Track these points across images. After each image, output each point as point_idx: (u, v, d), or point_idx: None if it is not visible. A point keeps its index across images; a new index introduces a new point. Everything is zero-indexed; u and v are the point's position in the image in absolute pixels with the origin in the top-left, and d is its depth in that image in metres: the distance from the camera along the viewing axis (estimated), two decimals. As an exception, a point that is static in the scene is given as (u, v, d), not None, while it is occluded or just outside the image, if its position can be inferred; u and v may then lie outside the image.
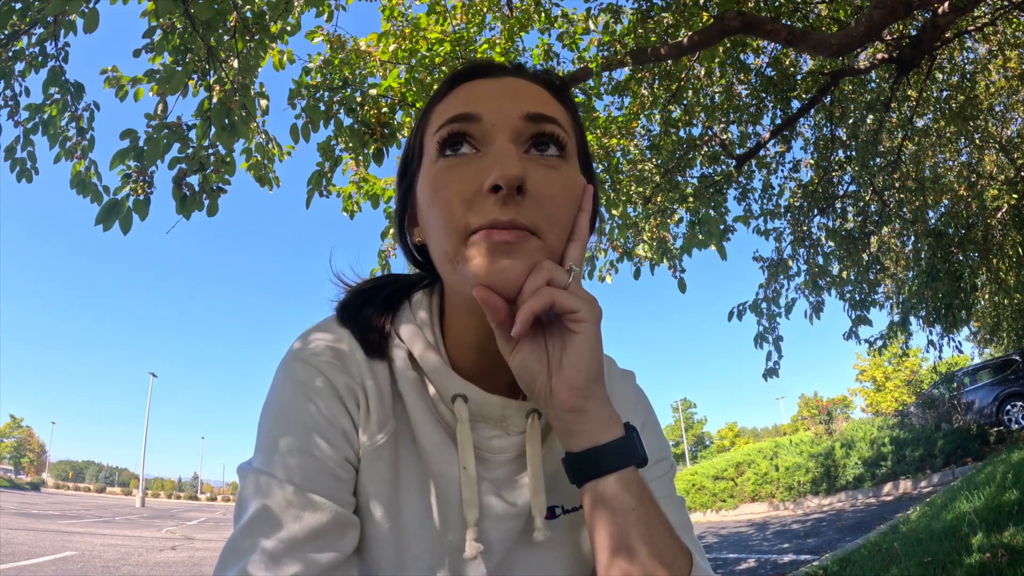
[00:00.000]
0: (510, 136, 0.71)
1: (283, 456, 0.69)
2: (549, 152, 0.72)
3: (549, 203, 0.70)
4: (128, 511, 30.12)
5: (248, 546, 0.64)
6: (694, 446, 65.14)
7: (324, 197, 4.94)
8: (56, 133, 4.02)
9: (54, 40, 3.82)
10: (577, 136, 0.79)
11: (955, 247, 7.83)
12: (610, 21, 5.42)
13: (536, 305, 0.65)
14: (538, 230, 0.68)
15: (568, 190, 0.72)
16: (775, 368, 6.84)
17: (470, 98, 0.74)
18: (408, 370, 0.77)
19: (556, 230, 0.70)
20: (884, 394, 36.05)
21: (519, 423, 0.77)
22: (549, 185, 0.70)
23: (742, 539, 11.31)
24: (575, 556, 0.81)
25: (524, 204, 0.68)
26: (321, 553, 0.66)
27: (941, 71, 7.44)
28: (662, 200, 5.99)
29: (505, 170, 0.66)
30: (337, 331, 0.77)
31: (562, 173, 0.72)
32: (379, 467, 0.74)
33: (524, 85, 0.76)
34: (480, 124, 0.71)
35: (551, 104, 0.76)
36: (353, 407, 0.74)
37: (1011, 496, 5.84)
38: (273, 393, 0.74)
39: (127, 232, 3.40)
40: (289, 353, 0.76)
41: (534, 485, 0.76)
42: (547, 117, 0.73)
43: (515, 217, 0.67)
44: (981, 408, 14.19)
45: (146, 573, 9.39)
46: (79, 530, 15.67)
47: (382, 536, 0.73)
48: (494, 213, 0.67)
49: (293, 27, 4.38)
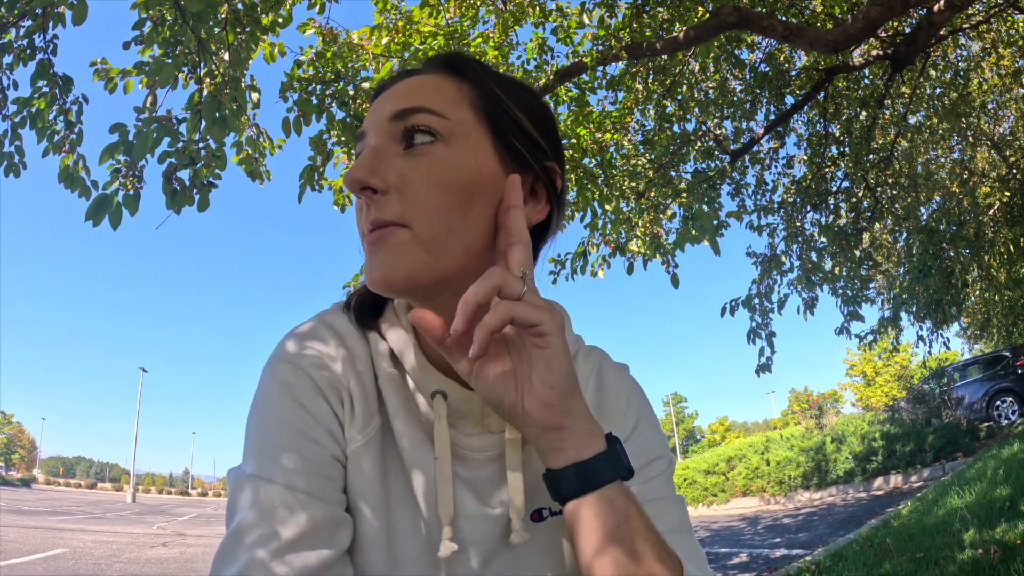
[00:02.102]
0: (378, 141, 0.72)
1: (271, 457, 0.68)
2: (417, 142, 0.71)
3: (410, 192, 0.69)
4: (119, 507, 30.09)
5: (241, 549, 0.63)
6: (685, 440, 65.45)
7: (316, 191, 4.91)
8: (44, 127, 3.98)
9: (42, 32, 3.77)
10: (483, 111, 0.75)
11: (947, 243, 7.87)
12: (605, 16, 5.41)
13: (493, 323, 0.60)
14: (406, 221, 0.68)
15: (435, 174, 0.69)
16: (768, 364, 6.84)
17: (368, 116, 0.77)
18: (389, 367, 0.76)
19: (423, 217, 0.68)
20: (874, 389, 36.31)
21: (500, 421, 0.76)
22: (411, 174, 0.69)
23: (733, 533, 11.36)
24: (559, 559, 0.79)
25: (386, 201, 0.69)
26: (315, 552, 0.65)
27: (935, 68, 7.47)
28: (655, 195, 5.98)
29: (344, 178, 0.69)
30: (320, 330, 0.77)
31: (430, 158, 0.70)
32: (366, 465, 0.73)
33: (404, 84, 0.76)
34: (366, 139, 0.74)
35: (426, 90, 0.74)
36: (338, 405, 0.73)
37: (1002, 492, 5.87)
38: (259, 395, 0.73)
39: (117, 227, 3.36)
40: (273, 354, 0.75)
41: (513, 486, 0.74)
42: (410, 109, 0.71)
43: (376, 216, 0.69)
44: (971, 403, 14.29)
45: (137, 570, 9.37)
46: (70, 527, 15.65)
47: (373, 534, 0.72)
48: (361, 219, 0.71)
49: (285, 19, 4.34)
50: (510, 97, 0.77)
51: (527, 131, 0.78)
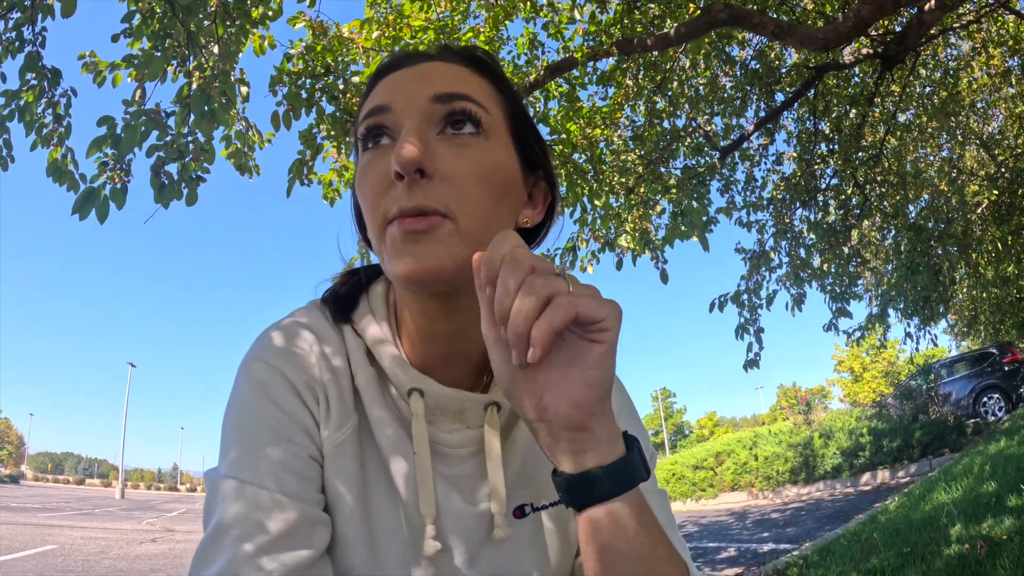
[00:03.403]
0: (418, 120, 0.69)
1: (247, 458, 0.67)
2: (464, 131, 0.70)
3: (460, 182, 0.68)
4: (108, 503, 29.94)
5: (219, 550, 0.63)
6: (673, 435, 65.50)
7: (305, 186, 4.89)
8: (32, 120, 3.94)
9: (31, 25, 3.73)
10: (508, 112, 0.76)
11: (935, 241, 7.90)
12: (596, 11, 5.41)
13: (558, 320, 0.53)
14: (450, 212, 0.66)
15: (483, 168, 0.70)
16: (756, 359, 6.87)
17: (385, 90, 0.74)
18: (366, 364, 0.76)
19: (469, 210, 0.67)
20: (862, 384, 36.48)
21: (478, 416, 0.76)
22: (459, 163, 0.68)
23: (722, 528, 11.41)
24: (543, 554, 0.80)
25: (432, 187, 0.66)
26: (293, 552, 0.64)
27: (925, 67, 7.50)
28: (645, 191, 5.98)
29: (400, 155, 0.65)
30: (295, 328, 0.76)
31: (477, 150, 0.70)
32: (343, 463, 0.72)
33: (437, 67, 0.75)
34: (392, 114, 0.71)
35: (467, 81, 0.74)
36: (313, 404, 0.72)
37: (989, 488, 5.92)
38: (234, 395, 0.73)
39: (104, 221, 3.34)
40: (248, 353, 0.75)
41: (494, 481, 0.74)
42: (456, 95, 0.71)
43: (421, 202, 0.66)
44: (958, 400, 14.40)
45: (127, 567, 9.34)
46: (59, 523, 15.58)
47: (352, 533, 0.72)
48: (400, 200, 0.66)
49: (275, 12, 4.30)
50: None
51: (538, 136, 0.80)
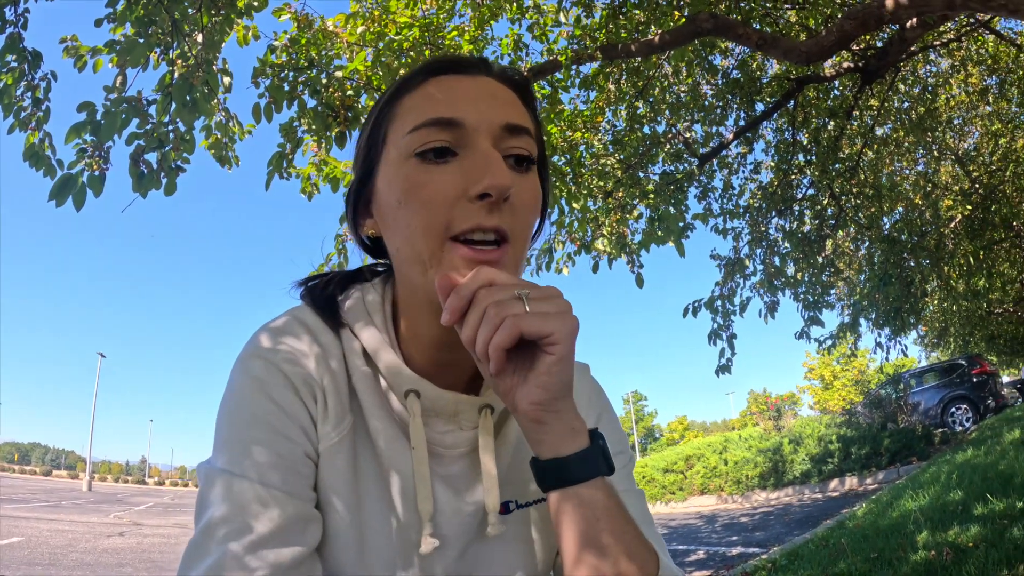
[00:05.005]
0: (491, 144, 0.71)
1: (243, 453, 0.68)
2: (523, 165, 0.74)
3: (523, 212, 0.72)
4: (75, 495, 29.45)
5: (212, 545, 0.64)
6: (644, 438, 65.83)
7: (284, 179, 4.86)
8: (11, 103, 3.87)
9: (13, 6, 3.67)
10: (538, 140, 0.79)
11: (908, 253, 8.04)
12: (581, 15, 5.43)
13: (503, 341, 0.62)
14: (512, 238, 0.70)
15: (535, 199, 0.75)
16: (728, 365, 6.92)
17: (450, 100, 0.72)
18: (362, 365, 0.77)
19: (523, 239, 0.72)
20: (832, 392, 36.75)
21: (472, 418, 0.78)
22: (525, 195, 0.72)
23: (691, 531, 11.48)
24: (530, 550, 0.82)
25: (505, 212, 0.70)
26: (285, 548, 0.65)
27: (904, 82, 7.61)
28: (623, 195, 6.01)
29: (496, 179, 0.67)
30: (293, 326, 0.77)
31: (530, 182, 0.74)
32: (338, 463, 0.74)
33: (500, 89, 0.76)
34: (464, 131, 0.71)
35: (523, 112, 0.77)
36: (311, 402, 0.74)
37: (955, 496, 6.01)
38: (231, 390, 0.73)
39: (80, 208, 3.28)
40: (245, 349, 0.75)
41: (487, 480, 0.76)
42: (523, 128, 0.74)
43: (499, 223, 0.69)
44: (926, 409, 14.65)
45: (94, 560, 9.21)
46: (25, 515, 15.32)
47: (343, 531, 0.73)
48: (478, 219, 0.68)
49: (260, 3, 4.27)
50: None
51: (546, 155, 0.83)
